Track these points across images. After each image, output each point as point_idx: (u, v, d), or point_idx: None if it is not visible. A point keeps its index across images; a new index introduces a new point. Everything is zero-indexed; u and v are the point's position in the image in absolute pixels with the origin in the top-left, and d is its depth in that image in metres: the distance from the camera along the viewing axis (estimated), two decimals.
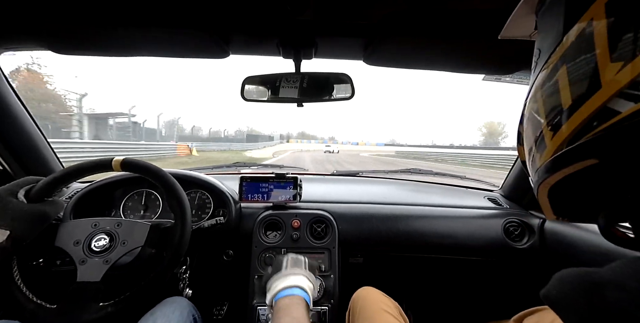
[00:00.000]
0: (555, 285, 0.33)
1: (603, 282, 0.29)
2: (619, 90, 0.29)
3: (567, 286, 0.32)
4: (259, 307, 1.29)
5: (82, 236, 0.94)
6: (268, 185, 1.47)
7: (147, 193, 1.43)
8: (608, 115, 0.31)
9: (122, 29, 0.92)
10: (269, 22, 0.94)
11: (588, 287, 0.30)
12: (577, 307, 0.30)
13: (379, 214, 1.48)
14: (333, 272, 1.35)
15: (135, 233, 0.95)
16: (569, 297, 0.31)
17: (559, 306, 0.32)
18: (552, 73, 0.38)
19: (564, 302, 0.31)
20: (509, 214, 1.52)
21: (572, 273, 0.33)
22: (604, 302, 0.28)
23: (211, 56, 1.09)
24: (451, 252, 1.46)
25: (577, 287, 0.31)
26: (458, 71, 1.18)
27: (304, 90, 1.11)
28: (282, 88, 1.12)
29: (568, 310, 0.31)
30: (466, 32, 0.90)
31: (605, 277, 0.30)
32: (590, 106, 0.32)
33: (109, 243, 0.93)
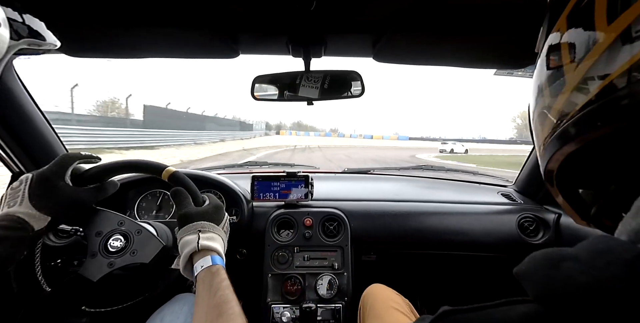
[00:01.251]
0: (525, 262, 0.35)
1: (564, 256, 0.31)
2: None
3: (533, 261, 0.34)
4: (273, 305, 1.29)
5: (105, 229, 0.91)
6: (280, 183, 1.48)
7: (160, 194, 1.44)
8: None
9: (133, 31, 0.93)
10: (277, 20, 0.94)
11: (550, 261, 0.32)
12: (537, 278, 0.32)
13: (391, 211, 1.48)
14: (346, 269, 1.35)
15: (147, 248, 0.90)
16: (533, 270, 0.33)
17: (523, 278, 0.34)
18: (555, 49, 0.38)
19: (528, 275, 0.33)
20: (523, 209, 1.50)
21: (543, 251, 0.35)
22: (557, 272, 0.30)
23: (221, 56, 1.10)
24: (465, 248, 1.46)
25: (541, 261, 0.33)
26: (469, 66, 1.17)
27: (313, 88, 1.11)
28: (292, 86, 1.12)
29: (529, 280, 0.33)
30: (476, 26, 0.89)
31: (569, 252, 0.32)
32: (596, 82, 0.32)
33: (122, 247, 0.89)
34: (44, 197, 0.75)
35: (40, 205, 0.74)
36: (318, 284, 1.31)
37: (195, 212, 0.82)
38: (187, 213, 0.81)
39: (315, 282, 1.32)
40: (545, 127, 0.42)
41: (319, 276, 1.33)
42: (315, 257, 1.37)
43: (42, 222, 0.74)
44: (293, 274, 1.34)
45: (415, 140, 69.75)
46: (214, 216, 0.84)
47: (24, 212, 0.72)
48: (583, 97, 0.34)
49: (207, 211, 0.83)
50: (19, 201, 0.73)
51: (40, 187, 0.76)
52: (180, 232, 0.79)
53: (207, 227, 0.79)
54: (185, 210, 0.82)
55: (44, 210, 0.74)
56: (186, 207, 0.83)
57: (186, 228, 0.78)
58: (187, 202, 0.84)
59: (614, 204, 0.40)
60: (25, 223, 0.71)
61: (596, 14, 0.33)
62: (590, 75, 0.33)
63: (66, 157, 0.84)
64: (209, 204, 0.87)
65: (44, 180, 0.77)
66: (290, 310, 1.28)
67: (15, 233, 0.69)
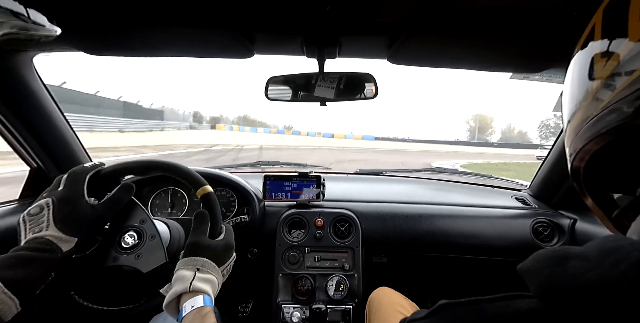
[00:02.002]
0: (530, 259, 0.35)
1: (571, 255, 0.31)
2: None
3: (538, 258, 0.34)
4: (283, 305, 1.30)
5: (128, 222, 0.90)
6: (291, 183, 1.48)
7: (173, 191, 1.46)
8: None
9: (150, 30, 0.94)
10: (293, 20, 0.94)
11: (556, 259, 0.32)
12: (539, 275, 0.32)
13: (402, 213, 1.47)
14: (357, 271, 1.34)
15: (152, 257, 0.85)
16: (537, 267, 0.33)
17: (527, 274, 0.34)
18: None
19: (532, 271, 0.33)
20: (537, 214, 1.48)
21: (549, 249, 0.35)
22: (563, 269, 0.30)
23: (236, 56, 1.10)
24: (477, 252, 1.44)
25: (547, 259, 0.33)
26: (485, 69, 1.16)
27: (327, 89, 1.11)
28: (307, 87, 1.12)
29: (533, 277, 0.33)
30: (494, 29, 0.87)
31: (575, 251, 0.32)
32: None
33: (132, 246, 0.86)
34: (68, 220, 0.75)
35: (66, 228, 0.74)
36: (328, 285, 1.31)
37: (206, 244, 0.79)
38: (197, 243, 0.79)
39: (326, 282, 1.32)
40: (575, 124, 0.41)
41: (329, 277, 1.33)
42: (326, 257, 1.37)
43: (70, 244, 0.74)
44: (304, 274, 1.34)
45: (382, 140, 65.12)
46: (220, 255, 0.81)
47: (52, 234, 0.72)
48: (610, 93, 0.34)
49: (217, 248, 0.81)
50: (45, 227, 0.73)
51: (64, 211, 0.76)
52: (181, 262, 0.76)
53: (208, 266, 0.76)
54: (197, 240, 0.79)
55: (70, 232, 0.74)
56: (199, 235, 0.80)
57: (187, 261, 0.75)
58: (203, 230, 0.82)
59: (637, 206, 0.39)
60: (54, 245, 0.72)
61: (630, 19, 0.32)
62: (618, 71, 0.33)
63: (76, 175, 0.83)
64: (222, 240, 0.84)
65: (65, 203, 0.77)
66: (301, 311, 1.29)
67: (44, 255, 0.69)
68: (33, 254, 0.68)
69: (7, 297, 0.61)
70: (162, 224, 0.97)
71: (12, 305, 0.61)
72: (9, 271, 0.64)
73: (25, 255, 0.67)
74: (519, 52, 1.00)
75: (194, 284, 0.70)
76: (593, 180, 0.45)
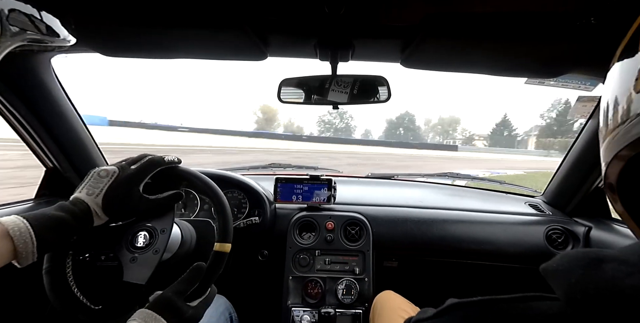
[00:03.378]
0: (557, 259, 0.33)
1: (607, 257, 0.29)
2: None
3: (566, 259, 0.32)
4: (293, 308, 1.30)
5: (156, 225, 0.87)
6: (303, 186, 1.48)
7: (185, 192, 1.47)
8: None
9: (165, 31, 0.96)
10: (307, 23, 0.94)
11: (588, 260, 0.30)
12: (570, 276, 0.29)
13: (414, 218, 1.46)
14: (367, 275, 1.34)
15: (140, 269, 0.82)
16: (565, 268, 0.31)
17: (554, 276, 0.32)
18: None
19: (560, 272, 0.31)
20: (552, 221, 1.46)
21: (578, 250, 0.32)
22: (599, 273, 0.28)
23: (250, 58, 1.11)
24: (489, 258, 1.42)
25: (576, 260, 0.31)
26: (499, 74, 1.15)
27: (340, 92, 1.11)
28: (320, 90, 1.12)
29: (560, 278, 0.31)
30: (509, 34, 0.87)
31: (611, 253, 0.30)
32: None
33: (139, 246, 0.84)
34: (114, 199, 0.76)
35: (107, 206, 0.75)
36: (338, 289, 1.31)
37: (176, 307, 0.72)
38: (168, 302, 0.72)
39: (336, 286, 1.32)
40: (609, 130, 0.40)
41: (339, 280, 1.33)
42: (337, 261, 1.37)
43: (100, 221, 0.76)
44: (314, 277, 1.34)
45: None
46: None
47: (93, 206, 0.73)
48: None
49: (183, 315, 0.73)
50: (97, 193, 0.74)
51: (117, 189, 0.76)
52: (141, 312, 0.70)
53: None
54: (170, 296, 0.73)
55: (107, 211, 0.75)
56: (177, 294, 0.74)
57: (148, 316, 0.68)
58: (185, 289, 0.76)
59: None
60: (91, 217, 0.73)
61: None
62: None
63: (152, 164, 0.82)
64: (194, 309, 0.77)
65: (124, 184, 0.77)
66: (310, 314, 1.28)
67: (78, 224, 0.70)
68: (70, 220, 0.69)
69: (30, 237, 0.62)
70: (177, 233, 0.95)
71: (30, 251, 0.62)
72: (41, 228, 0.65)
73: (63, 219, 0.68)
74: (535, 57, 0.99)
75: None
76: (629, 189, 0.42)
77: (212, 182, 0.91)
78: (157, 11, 0.88)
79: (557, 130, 65.57)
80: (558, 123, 66.33)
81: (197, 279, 0.78)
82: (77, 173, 1.38)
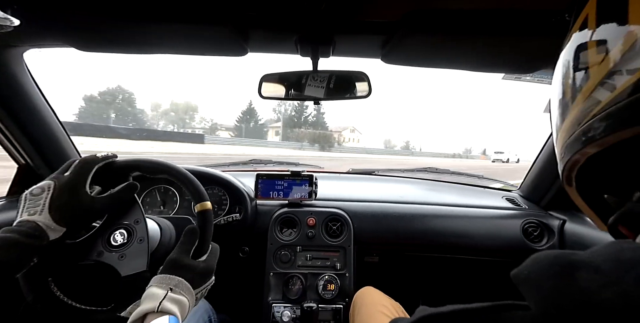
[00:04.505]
0: (528, 265, 0.32)
1: (578, 263, 0.28)
2: None
3: (537, 266, 0.31)
4: (273, 305, 1.30)
5: (124, 219, 0.86)
6: (284, 182, 1.48)
7: (164, 189, 1.45)
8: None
9: (144, 26, 0.93)
10: (288, 18, 0.94)
11: (559, 268, 0.28)
12: (542, 287, 0.28)
13: (394, 213, 1.47)
14: (348, 270, 1.35)
15: (134, 260, 0.82)
16: (538, 277, 0.30)
17: (526, 286, 0.30)
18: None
19: (531, 281, 0.30)
20: (527, 215, 1.49)
21: (548, 254, 0.31)
22: (571, 283, 0.26)
23: (230, 53, 1.10)
24: (468, 252, 1.45)
25: (549, 267, 0.29)
26: (478, 70, 1.17)
27: (320, 88, 1.11)
28: (298, 85, 1.12)
29: (531, 288, 0.29)
30: (487, 30, 0.88)
31: (583, 258, 0.28)
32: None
33: (119, 245, 0.83)
34: (62, 208, 0.74)
35: (58, 216, 0.72)
36: (319, 284, 1.32)
37: (185, 264, 0.76)
38: (177, 261, 0.76)
39: (317, 282, 1.32)
40: (567, 127, 0.40)
41: (320, 276, 1.33)
42: (318, 256, 1.38)
43: (58, 233, 0.73)
44: (295, 273, 1.34)
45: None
46: (198, 277, 0.77)
47: (43, 221, 0.71)
48: (608, 93, 0.32)
49: (195, 269, 0.77)
50: (39, 210, 0.71)
51: (61, 198, 0.74)
52: (156, 278, 0.73)
53: (182, 287, 0.72)
54: (177, 257, 0.76)
55: (61, 221, 0.73)
56: (181, 253, 0.78)
57: (162, 278, 0.72)
58: (187, 248, 0.79)
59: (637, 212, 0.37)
60: (43, 232, 0.70)
61: (630, 8, 0.31)
62: (617, 69, 0.31)
63: (86, 164, 0.80)
64: (204, 262, 0.81)
65: (65, 190, 0.75)
66: (291, 310, 1.29)
67: (30, 241, 0.68)
68: (18, 238, 0.66)
69: None
70: (154, 225, 0.95)
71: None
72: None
73: (10, 238, 0.66)
74: (513, 53, 1.01)
75: (163, 304, 0.67)
76: (587, 183, 0.43)
77: (159, 159, 0.90)
78: (134, 5, 0.86)
79: (298, 122, 63.60)
80: (296, 117, 65.38)
81: (195, 238, 0.81)
82: (51, 170, 1.34)
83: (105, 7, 0.86)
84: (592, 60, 0.35)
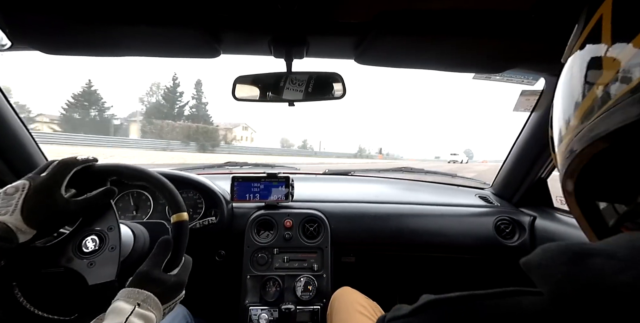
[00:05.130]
0: (538, 253, 0.32)
1: (591, 251, 0.28)
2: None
3: (548, 253, 0.31)
4: (251, 307, 1.29)
5: (97, 225, 0.83)
6: (260, 184, 1.47)
7: (137, 194, 1.42)
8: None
9: (112, 28, 0.91)
10: (260, 19, 0.93)
11: (572, 255, 0.29)
12: (555, 273, 0.28)
13: (370, 213, 1.48)
14: (325, 271, 1.35)
15: (104, 269, 0.79)
16: (549, 263, 0.30)
17: (538, 272, 0.30)
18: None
19: (543, 267, 0.30)
20: (500, 212, 1.53)
21: (559, 244, 0.31)
22: (585, 268, 0.27)
23: (202, 55, 1.08)
24: (443, 250, 1.48)
25: (560, 254, 0.30)
26: (449, 70, 1.19)
27: (294, 90, 1.11)
28: (275, 88, 1.11)
29: (545, 274, 0.30)
30: (457, 31, 0.90)
31: (595, 247, 0.29)
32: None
33: (90, 251, 0.80)
34: (35, 210, 0.70)
35: (30, 218, 0.69)
36: (297, 286, 1.31)
37: (156, 277, 0.73)
38: (146, 274, 0.73)
39: (294, 283, 1.32)
40: (574, 125, 0.39)
41: (298, 278, 1.33)
42: (295, 258, 1.37)
43: (28, 235, 0.69)
44: (272, 276, 1.33)
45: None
46: (168, 292, 0.74)
47: (13, 222, 0.67)
48: (624, 86, 0.32)
49: (166, 283, 0.74)
50: (11, 211, 0.68)
51: (35, 199, 0.71)
52: (123, 291, 0.70)
53: (150, 302, 0.68)
54: (147, 270, 0.73)
55: (32, 223, 0.69)
56: (153, 266, 0.74)
57: (130, 292, 0.69)
58: (159, 260, 0.76)
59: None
60: (12, 234, 0.67)
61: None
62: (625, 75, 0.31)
63: (64, 165, 0.77)
64: (176, 276, 0.77)
65: (40, 191, 0.72)
66: (268, 312, 1.28)
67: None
68: None
69: None
70: (127, 231, 0.92)
71: None
72: None
73: None
74: (481, 53, 1.04)
75: (130, 320, 0.64)
76: (586, 188, 0.42)
77: (138, 166, 0.88)
78: (102, 5, 0.84)
79: (169, 114, 48.48)
80: (167, 108, 50.10)
81: (168, 250, 0.78)
82: (16, 177, 1.29)
83: (73, 9, 0.83)
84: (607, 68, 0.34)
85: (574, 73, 0.41)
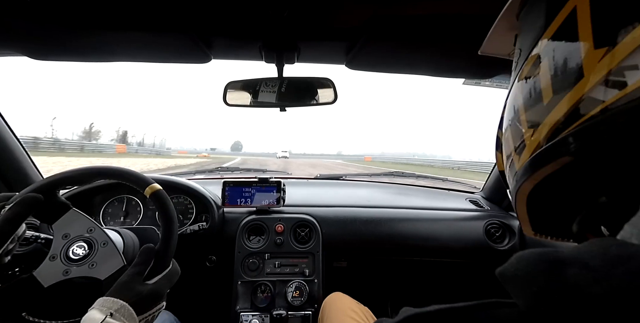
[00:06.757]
0: (513, 263, 0.31)
1: (566, 260, 0.28)
2: (604, 77, 0.27)
3: (524, 262, 0.30)
4: (242, 313, 1.28)
5: (73, 233, 0.83)
6: (251, 189, 1.46)
7: (127, 199, 1.40)
8: (590, 106, 0.29)
9: (101, 33, 0.91)
10: (251, 25, 0.93)
11: (547, 264, 0.28)
12: (531, 284, 0.28)
13: (362, 217, 1.48)
14: (317, 276, 1.34)
15: (107, 263, 0.80)
16: (525, 274, 0.29)
17: (513, 283, 0.30)
18: (532, 68, 0.36)
19: (520, 279, 0.30)
20: (490, 216, 1.54)
21: (533, 251, 0.31)
22: (560, 279, 0.26)
23: (193, 61, 1.08)
24: (434, 254, 1.48)
25: (536, 264, 0.29)
26: (439, 75, 1.20)
27: (285, 94, 1.11)
28: (263, 93, 1.11)
29: (520, 286, 0.29)
30: (447, 36, 0.91)
31: (569, 255, 0.28)
32: (572, 98, 0.30)
33: (83, 255, 0.80)
34: None
35: None
36: (288, 291, 1.31)
37: (132, 287, 0.71)
38: (124, 284, 0.71)
39: (286, 289, 1.31)
40: (526, 146, 0.38)
41: (289, 283, 1.32)
42: (286, 263, 1.37)
43: None
44: (263, 281, 1.32)
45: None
46: (144, 302, 0.71)
47: None
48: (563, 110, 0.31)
49: (142, 293, 0.71)
50: None
51: None
52: (99, 300, 0.67)
53: (124, 312, 0.66)
54: (126, 279, 0.72)
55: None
56: (132, 275, 0.73)
57: (104, 301, 0.66)
58: (140, 270, 0.74)
59: (604, 216, 0.36)
60: None
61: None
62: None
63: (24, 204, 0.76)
64: (155, 284, 0.75)
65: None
66: (260, 318, 1.27)
67: None
68: None
69: None
70: (113, 232, 0.93)
71: None
72: None
73: None
74: (470, 59, 1.05)
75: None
76: (540, 210, 0.42)
77: (80, 167, 0.87)
78: (92, 11, 0.83)
79: None
80: None
81: (150, 258, 0.77)
82: (8, 188, 1.28)
83: (62, 14, 0.83)
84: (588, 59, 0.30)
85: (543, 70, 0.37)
